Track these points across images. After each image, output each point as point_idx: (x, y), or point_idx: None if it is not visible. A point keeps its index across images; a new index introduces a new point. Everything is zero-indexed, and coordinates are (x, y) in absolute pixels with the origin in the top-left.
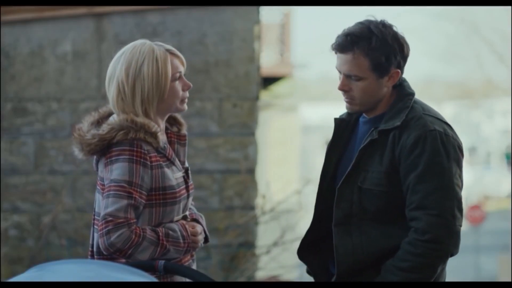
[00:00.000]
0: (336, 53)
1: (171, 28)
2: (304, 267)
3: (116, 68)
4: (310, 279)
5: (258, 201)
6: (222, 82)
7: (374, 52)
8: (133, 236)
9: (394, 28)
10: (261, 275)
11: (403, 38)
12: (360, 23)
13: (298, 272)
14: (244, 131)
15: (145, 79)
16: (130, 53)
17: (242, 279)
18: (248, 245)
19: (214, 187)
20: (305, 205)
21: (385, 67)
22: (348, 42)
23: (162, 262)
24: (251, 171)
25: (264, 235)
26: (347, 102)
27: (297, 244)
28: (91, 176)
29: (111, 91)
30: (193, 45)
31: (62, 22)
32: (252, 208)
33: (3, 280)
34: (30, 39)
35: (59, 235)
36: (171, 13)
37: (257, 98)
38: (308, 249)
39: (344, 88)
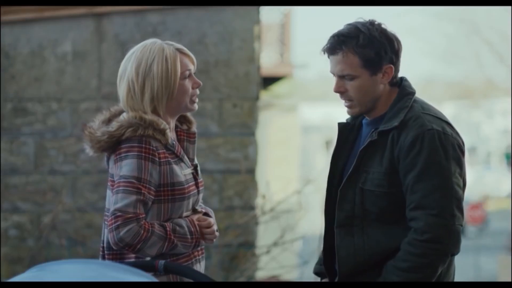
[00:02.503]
0: (328, 57)
1: (171, 28)
2: (304, 267)
3: (127, 66)
4: (310, 279)
5: (258, 201)
6: (222, 82)
7: (363, 49)
8: (142, 231)
9: (383, 26)
10: (261, 275)
11: (392, 34)
12: (348, 24)
13: (298, 272)
14: (244, 131)
15: (155, 78)
16: (140, 52)
17: (242, 279)
18: (248, 245)
19: (214, 187)
20: (305, 205)
21: (376, 63)
22: (336, 42)
23: (162, 262)
24: (251, 171)
25: (264, 235)
26: (346, 106)
27: (297, 244)
28: (91, 176)
29: (121, 89)
30: (193, 45)
31: (62, 22)
32: (252, 208)
33: (3, 280)
34: (30, 39)
35: (59, 235)
36: (171, 13)
37: (257, 98)
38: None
39: (340, 89)
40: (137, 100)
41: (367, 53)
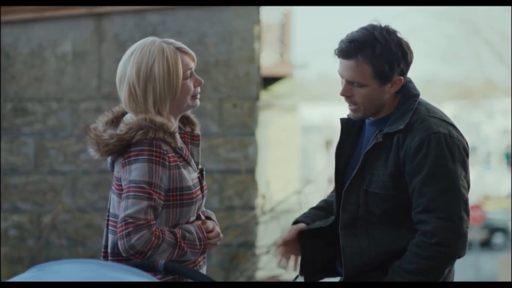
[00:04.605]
0: (339, 58)
1: (171, 28)
2: None
3: (127, 69)
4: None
5: (258, 201)
6: (222, 82)
7: (378, 60)
8: (153, 238)
9: (399, 34)
10: (261, 275)
11: (407, 44)
12: (364, 28)
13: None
14: (244, 131)
15: (157, 80)
16: (140, 53)
17: (242, 279)
18: (248, 245)
19: (214, 187)
20: (305, 205)
21: (388, 75)
22: (352, 49)
23: (162, 262)
24: (251, 171)
25: (264, 235)
26: (351, 109)
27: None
28: (91, 176)
29: (122, 92)
30: (193, 45)
31: (62, 22)
32: (252, 208)
33: (3, 280)
34: (30, 39)
35: (59, 235)
36: (171, 13)
37: (257, 98)
38: (309, 236)
39: (346, 94)
40: (140, 103)
41: (380, 64)
